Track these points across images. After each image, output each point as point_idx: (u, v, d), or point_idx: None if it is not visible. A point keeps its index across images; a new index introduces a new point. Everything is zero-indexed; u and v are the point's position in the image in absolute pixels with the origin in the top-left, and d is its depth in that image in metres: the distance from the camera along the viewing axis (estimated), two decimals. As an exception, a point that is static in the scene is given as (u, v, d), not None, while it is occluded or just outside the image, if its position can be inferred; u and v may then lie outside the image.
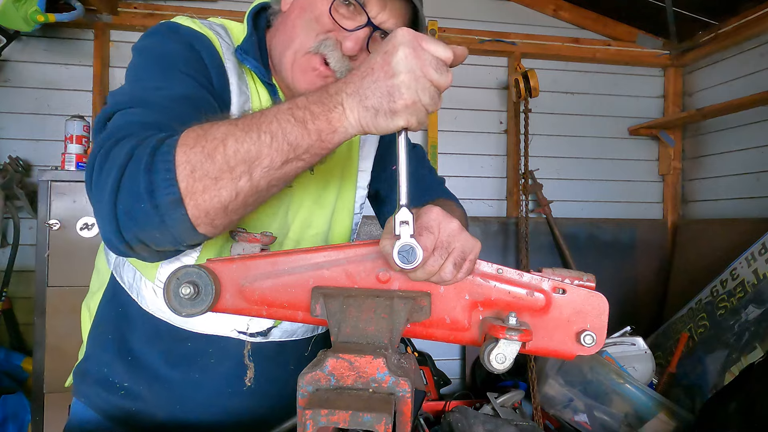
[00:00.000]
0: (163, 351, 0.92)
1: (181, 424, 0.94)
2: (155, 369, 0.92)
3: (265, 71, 0.91)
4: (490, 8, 3.13)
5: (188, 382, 0.92)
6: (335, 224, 1.04)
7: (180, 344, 0.91)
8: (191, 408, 0.94)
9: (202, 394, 0.94)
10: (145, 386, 0.93)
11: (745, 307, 2.24)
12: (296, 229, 0.97)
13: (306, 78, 0.88)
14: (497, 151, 3.15)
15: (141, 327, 0.92)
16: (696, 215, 3.14)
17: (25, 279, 2.58)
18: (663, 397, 2.13)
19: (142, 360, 0.93)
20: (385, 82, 0.59)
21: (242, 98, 0.89)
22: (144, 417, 0.94)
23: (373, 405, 0.46)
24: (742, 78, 2.81)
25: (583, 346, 0.58)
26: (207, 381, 0.93)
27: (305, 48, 0.87)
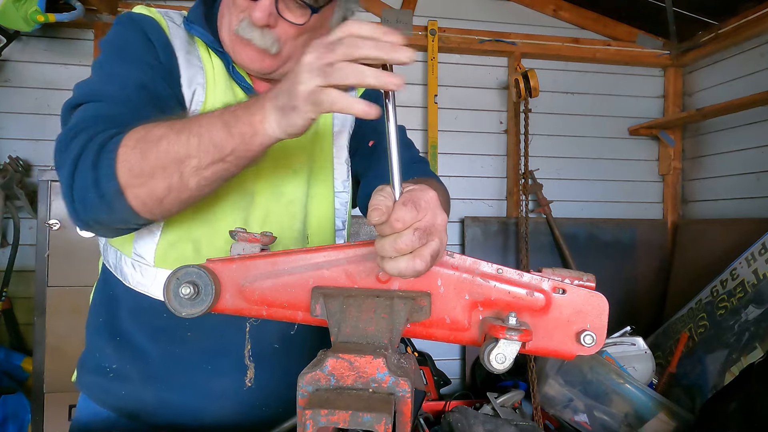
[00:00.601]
0: (146, 326, 0.93)
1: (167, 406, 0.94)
2: (140, 345, 0.93)
3: (213, 38, 0.93)
4: (490, 8, 3.13)
5: (169, 356, 0.93)
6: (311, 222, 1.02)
7: (159, 317, 0.92)
8: (175, 386, 0.93)
9: (184, 370, 0.93)
10: (131, 365, 0.94)
11: (745, 307, 2.24)
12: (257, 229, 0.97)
13: (243, 53, 0.91)
14: (497, 151, 3.16)
15: (126, 305, 0.94)
16: (696, 215, 3.14)
17: (25, 279, 2.58)
18: (663, 397, 2.14)
19: (129, 338, 0.94)
20: (291, 81, 0.63)
21: (192, 71, 0.91)
22: (133, 400, 0.94)
23: (373, 405, 0.46)
24: (742, 78, 2.81)
25: (583, 346, 0.58)
26: (188, 355, 0.93)
27: (232, 30, 0.90)
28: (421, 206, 0.54)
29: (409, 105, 3.04)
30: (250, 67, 0.93)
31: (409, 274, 0.53)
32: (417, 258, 0.53)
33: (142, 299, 0.92)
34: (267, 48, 0.89)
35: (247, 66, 0.93)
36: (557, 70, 3.21)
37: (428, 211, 0.54)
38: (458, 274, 0.61)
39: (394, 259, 0.53)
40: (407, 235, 0.52)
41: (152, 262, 0.90)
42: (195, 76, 0.92)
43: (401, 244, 0.52)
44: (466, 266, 0.61)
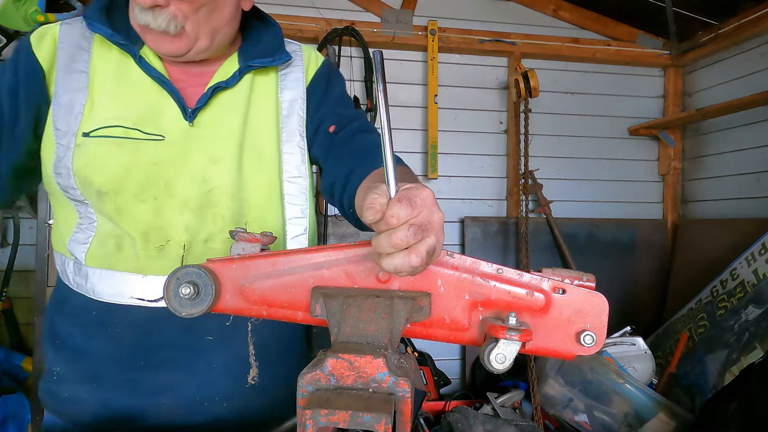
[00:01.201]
0: (81, 325, 0.94)
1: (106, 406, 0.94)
2: (76, 346, 0.94)
3: (111, 32, 0.90)
4: (490, 8, 3.13)
5: (101, 354, 0.93)
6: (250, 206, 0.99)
7: (90, 314, 0.93)
8: (109, 385, 0.93)
9: (115, 369, 0.93)
10: (70, 365, 0.95)
11: (745, 307, 2.24)
12: None
13: (150, 41, 0.90)
14: (497, 151, 3.16)
15: (67, 307, 0.96)
16: (696, 215, 3.14)
17: (25, 279, 2.58)
18: (663, 397, 2.14)
19: (67, 340, 0.95)
20: None
21: (70, 78, 0.90)
22: (75, 404, 0.95)
23: (373, 405, 0.46)
24: (742, 78, 2.81)
25: (583, 346, 0.58)
26: (118, 353, 0.93)
27: (133, 19, 0.89)
28: (417, 203, 0.53)
29: (409, 105, 3.05)
30: (159, 52, 0.91)
31: (405, 269, 0.53)
32: (412, 253, 0.52)
33: (78, 297, 0.94)
34: (165, 29, 0.86)
35: (157, 52, 0.91)
36: (557, 70, 3.21)
37: (424, 208, 0.54)
38: (458, 274, 0.61)
39: (390, 255, 0.53)
40: (402, 230, 0.52)
41: (83, 261, 0.93)
42: (73, 82, 0.91)
43: (396, 239, 0.52)
44: (466, 266, 0.61)
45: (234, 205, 0.95)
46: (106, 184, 0.89)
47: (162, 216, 0.91)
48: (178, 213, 0.92)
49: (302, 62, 1.05)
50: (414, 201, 0.53)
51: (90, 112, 0.90)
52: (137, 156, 0.90)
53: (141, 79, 0.93)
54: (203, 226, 0.93)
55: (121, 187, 0.89)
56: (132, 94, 0.92)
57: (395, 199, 0.53)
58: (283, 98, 1.02)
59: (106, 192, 0.89)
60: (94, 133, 0.89)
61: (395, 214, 0.52)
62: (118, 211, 0.91)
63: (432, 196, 0.56)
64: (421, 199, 0.54)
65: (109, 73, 0.92)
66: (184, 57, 0.94)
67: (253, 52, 1.00)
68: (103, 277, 0.92)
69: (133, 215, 0.91)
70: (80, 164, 0.88)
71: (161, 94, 0.93)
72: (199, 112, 0.94)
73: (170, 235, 0.91)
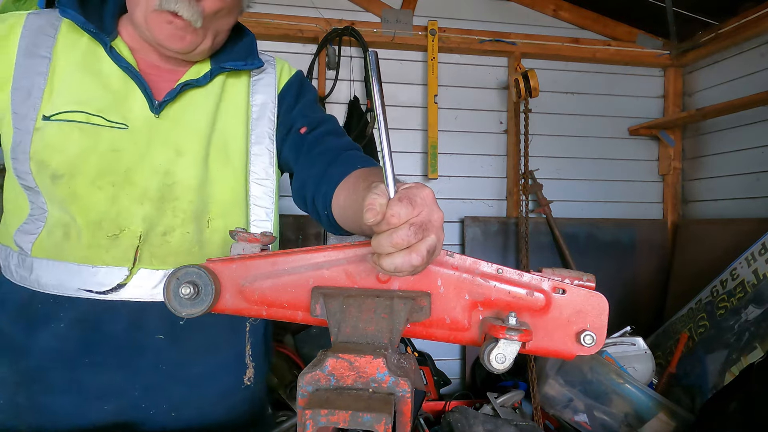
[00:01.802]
0: (25, 321, 0.91)
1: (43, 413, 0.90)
2: (17, 344, 0.90)
3: (84, 20, 0.90)
4: (490, 8, 3.13)
5: (44, 352, 0.89)
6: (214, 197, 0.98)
7: (35, 308, 0.90)
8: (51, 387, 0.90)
9: (59, 368, 0.90)
10: (7, 367, 0.91)
11: (745, 307, 2.24)
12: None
13: (164, 32, 0.90)
14: (497, 151, 3.16)
15: (9, 303, 0.93)
16: (696, 215, 3.14)
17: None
18: (663, 397, 2.13)
19: (9, 338, 0.91)
20: None
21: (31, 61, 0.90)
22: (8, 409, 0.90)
23: (373, 405, 0.46)
24: (742, 78, 2.81)
25: (583, 346, 0.58)
26: (63, 350, 0.89)
27: (151, 6, 0.88)
28: (417, 203, 0.53)
29: (409, 105, 3.05)
30: (167, 45, 0.92)
31: (405, 269, 0.52)
32: (413, 252, 0.52)
33: (24, 292, 0.91)
34: (192, 20, 0.88)
35: (164, 44, 0.92)
36: (557, 70, 3.21)
37: (424, 208, 0.54)
38: (458, 274, 0.61)
39: (390, 255, 0.52)
40: (403, 229, 0.52)
41: (29, 252, 0.90)
42: (33, 66, 0.90)
43: (397, 239, 0.52)
44: (466, 266, 0.61)
45: (197, 200, 0.95)
46: (62, 166, 0.88)
47: (118, 204, 0.90)
48: (137, 203, 0.91)
49: (275, 70, 1.08)
50: (414, 200, 0.53)
51: (50, 96, 0.89)
52: (97, 141, 0.90)
53: (109, 68, 0.93)
54: (162, 218, 0.92)
55: (77, 170, 0.88)
56: (98, 82, 0.92)
57: (395, 198, 0.53)
58: (254, 102, 1.03)
59: (62, 175, 0.88)
60: (54, 117, 0.88)
61: (396, 213, 0.52)
62: (71, 196, 0.89)
63: (432, 195, 0.56)
64: (421, 198, 0.54)
65: (74, 60, 0.92)
66: (186, 55, 0.95)
67: (225, 57, 1.02)
68: (49, 267, 0.89)
69: (87, 201, 0.89)
70: (38, 147, 0.88)
71: (128, 84, 0.93)
72: (167, 105, 0.94)
73: (125, 225, 0.90)
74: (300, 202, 1.03)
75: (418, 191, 0.55)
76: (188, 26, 0.89)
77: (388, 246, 0.52)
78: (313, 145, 1.00)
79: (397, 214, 0.52)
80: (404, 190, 0.55)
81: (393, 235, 0.52)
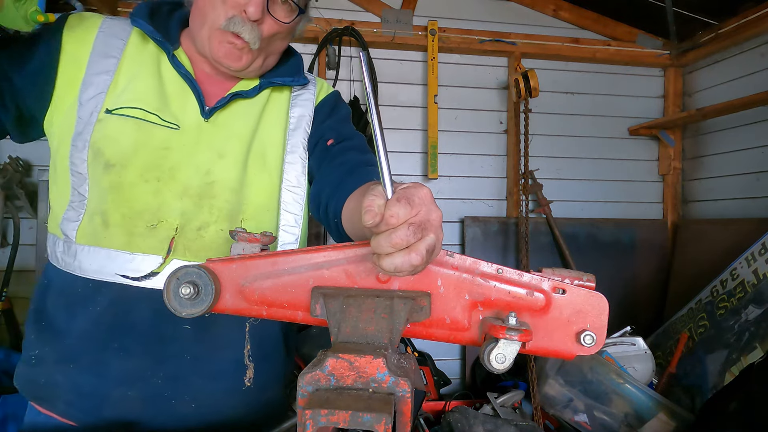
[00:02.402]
0: (66, 304, 0.95)
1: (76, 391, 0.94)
2: (58, 325, 0.95)
3: (152, 29, 1.00)
4: (490, 8, 3.13)
5: (79, 333, 0.94)
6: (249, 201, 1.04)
7: (74, 292, 0.95)
8: (82, 367, 0.94)
9: (89, 349, 0.94)
10: (50, 347, 0.96)
11: (745, 307, 2.24)
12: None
13: (222, 49, 0.98)
14: (497, 151, 3.16)
15: (54, 287, 0.98)
16: (696, 215, 3.14)
17: (25, 279, 2.58)
18: (663, 397, 2.13)
19: (52, 321, 0.96)
20: None
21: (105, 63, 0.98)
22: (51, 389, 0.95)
23: (373, 405, 0.46)
24: (742, 78, 2.81)
25: (583, 346, 0.58)
26: (95, 332, 0.94)
27: (216, 25, 0.97)
28: (415, 202, 0.54)
29: (409, 105, 3.05)
30: (224, 62, 1.00)
31: (405, 269, 0.53)
32: (413, 252, 0.52)
33: (66, 276, 0.96)
34: (251, 43, 0.97)
35: (222, 61, 1.00)
36: (557, 70, 3.21)
37: (422, 207, 0.54)
38: (458, 274, 0.61)
39: (390, 255, 0.53)
40: (402, 229, 0.52)
41: (74, 239, 0.95)
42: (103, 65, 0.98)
43: (396, 239, 0.52)
44: (466, 266, 0.61)
45: (233, 200, 1.00)
46: (115, 156, 0.94)
47: (160, 197, 0.95)
48: (177, 198, 0.96)
49: (314, 87, 1.17)
50: (412, 200, 0.54)
51: (114, 92, 0.97)
52: (150, 137, 0.97)
53: (169, 74, 1.02)
54: (199, 214, 0.97)
55: (128, 161, 0.94)
56: (157, 85, 1.00)
57: (394, 198, 0.53)
58: (293, 114, 1.11)
59: (114, 165, 0.94)
60: (116, 111, 0.96)
61: (395, 213, 0.52)
62: (119, 186, 0.94)
63: (430, 194, 0.57)
64: (419, 197, 0.54)
65: (139, 63, 1.01)
66: (238, 72, 1.04)
67: (273, 73, 1.11)
68: (90, 253, 0.94)
69: (132, 192, 0.95)
70: (97, 137, 0.94)
71: (184, 90, 1.02)
72: (216, 111, 1.02)
73: (164, 217, 0.95)
74: (314, 210, 1.08)
75: (415, 191, 0.55)
76: (246, 47, 0.98)
77: (388, 246, 0.52)
78: (335, 156, 1.06)
79: (395, 214, 0.52)
80: (402, 190, 0.55)
81: (392, 235, 0.52)
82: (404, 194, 0.54)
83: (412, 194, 0.54)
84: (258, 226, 1.02)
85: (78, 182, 0.95)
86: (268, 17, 0.98)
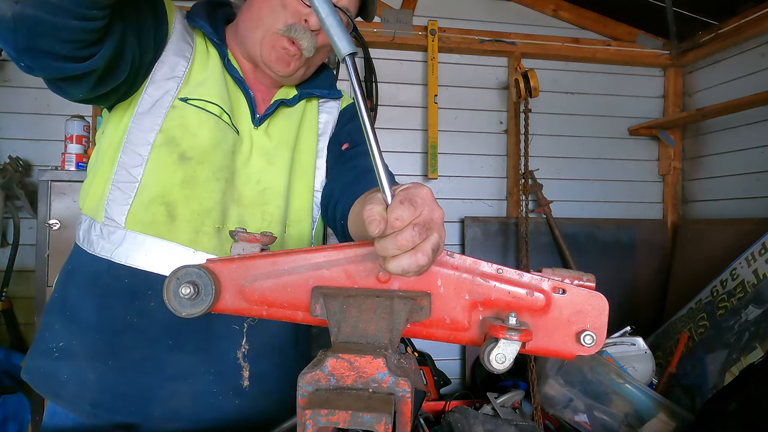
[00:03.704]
0: (100, 294, 0.91)
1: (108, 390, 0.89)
2: (90, 317, 0.90)
3: (211, 31, 1.00)
4: (490, 8, 3.13)
5: (124, 328, 0.90)
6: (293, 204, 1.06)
7: (118, 282, 0.90)
8: (125, 364, 0.90)
9: (139, 346, 0.90)
10: (78, 340, 0.91)
11: (745, 307, 2.24)
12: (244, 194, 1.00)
13: (275, 53, 0.98)
14: (497, 151, 3.16)
15: (84, 275, 0.93)
16: (696, 215, 3.14)
17: (25, 279, 2.58)
18: (663, 397, 2.13)
19: (78, 311, 0.91)
20: None
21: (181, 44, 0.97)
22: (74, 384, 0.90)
23: (373, 405, 0.46)
24: (742, 78, 2.81)
25: (583, 346, 0.58)
26: (145, 327, 0.90)
27: (274, 29, 0.96)
28: (418, 203, 0.54)
29: (409, 105, 3.05)
30: (275, 67, 0.99)
31: (412, 270, 0.53)
32: (419, 253, 0.52)
33: (102, 263, 0.91)
34: (306, 51, 0.98)
35: (272, 65, 0.99)
36: (557, 70, 3.21)
37: (425, 207, 0.54)
38: (458, 274, 0.61)
39: (397, 257, 0.53)
40: (407, 231, 0.52)
41: (123, 224, 0.90)
42: (181, 49, 0.97)
43: (402, 241, 0.52)
44: (466, 266, 0.61)
45: (282, 205, 1.03)
46: (192, 150, 0.93)
47: (225, 199, 0.96)
48: (235, 204, 0.98)
49: (340, 97, 1.21)
50: (415, 201, 0.54)
51: (188, 82, 0.96)
52: (225, 137, 0.97)
53: (226, 77, 1.01)
54: (252, 220, 0.99)
55: (205, 158, 0.94)
56: (224, 86, 1.00)
57: (396, 201, 0.53)
58: (321, 120, 1.14)
59: (190, 158, 0.92)
60: (193, 101, 0.95)
61: (399, 216, 0.52)
62: (192, 180, 0.93)
63: (431, 194, 0.57)
64: (421, 198, 0.55)
65: (208, 60, 1.00)
66: (283, 78, 1.04)
67: (308, 84, 1.13)
68: (147, 243, 0.90)
69: (205, 189, 0.94)
70: (172, 124, 0.92)
71: (238, 95, 1.02)
72: (266, 119, 1.03)
73: (227, 221, 0.96)
74: (323, 211, 1.10)
75: (417, 191, 0.55)
76: (298, 54, 0.98)
77: (394, 248, 0.52)
78: (348, 160, 1.08)
79: (400, 216, 0.52)
80: (403, 192, 0.55)
81: (398, 237, 0.52)
82: (406, 196, 0.54)
83: (413, 195, 0.54)
84: (300, 231, 1.05)
85: (130, 162, 0.91)
86: None
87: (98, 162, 0.96)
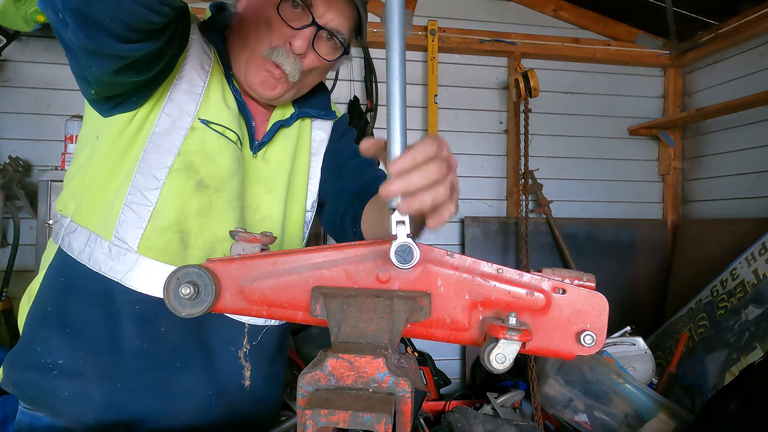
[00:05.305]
0: (109, 317, 0.88)
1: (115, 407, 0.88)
2: (98, 337, 0.88)
3: (222, 48, 0.97)
4: (490, 8, 3.13)
5: (136, 352, 0.88)
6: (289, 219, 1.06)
7: (129, 308, 0.87)
8: (135, 386, 0.89)
9: (149, 367, 0.89)
10: (84, 360, 0.88)
11: (745, 307, 2.24)
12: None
13: (259, 76, 0.94)
14: (497, 151, 3.16)
15: (87, 293, 0.88)
16: (696, 215, 3.14)
17: (25, 279, 2.57)
18: (663, 397, 2.13)
19: (84, 330, 0.88)
20: None
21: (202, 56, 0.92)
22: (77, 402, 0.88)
23: (373, 405, 0.46)
24: (742, 78, 2.81)
25: (583, 346, 0.58)
26: (157, 352, 0.89)
27: (258, 52, 0.93)
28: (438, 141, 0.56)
29: (409, 105, 3.03)
30: (259, 90, 0.95)
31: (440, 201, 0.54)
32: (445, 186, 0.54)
33: (112, 285, 0.87)
34: (290, 75, 0.93)
35: (256, 88, 0.95)
36: (557, 70, 3.21)
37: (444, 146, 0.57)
38: (458, 274, 0.61)
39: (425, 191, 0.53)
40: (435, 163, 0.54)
41: (135, 248, 0.86)
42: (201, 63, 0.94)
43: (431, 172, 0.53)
44: (466, 266, 0.61)
45: (280, 233, 1.01)
46: (211, 177, 0.90)
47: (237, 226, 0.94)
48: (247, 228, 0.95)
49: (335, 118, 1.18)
50: (434, 139, 0.56)
51: (207, 101, 0.91)
52: (240, 165, 0.94)
53: (232, 101, 0.97)
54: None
55: (223, 186, 0.91)
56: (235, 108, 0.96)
57: (419, 141, 0.55)
58: (314, 139, 1.11)
59: (208, 186, 0.90)
60: (213, 125, 0.91)
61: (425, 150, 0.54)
62: (208, 210, 0.90)
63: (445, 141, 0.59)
64: (438, 139, 0.57)
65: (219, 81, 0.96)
66: (271, 101, 1.00)
67: (304, 103, 1.09)
68: (159, 270, 0.87)
69: (219, 219, 0.91)
70: (192, 148, 0.88)
71: (240, 120, 0.97)
72: (263, 146, 1.00)
73: None
74: (330, 225, 1.09)
75: (431, 136, 0.58)
76: (284, 78, 0.94)
77: (419, 180, 0.53)
78: (351, 172, 1.07)
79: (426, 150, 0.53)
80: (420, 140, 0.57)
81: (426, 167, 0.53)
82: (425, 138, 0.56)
83: (431, 136, 0.57)
84: None
85: (145, 184, 0.87)
86: (311, 52, 0.94)
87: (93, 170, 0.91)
